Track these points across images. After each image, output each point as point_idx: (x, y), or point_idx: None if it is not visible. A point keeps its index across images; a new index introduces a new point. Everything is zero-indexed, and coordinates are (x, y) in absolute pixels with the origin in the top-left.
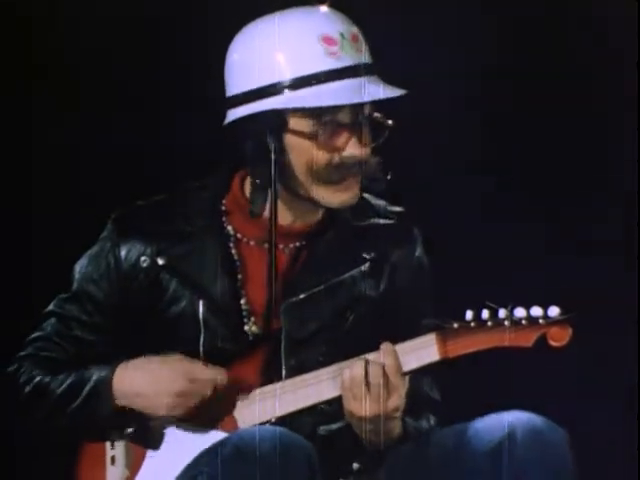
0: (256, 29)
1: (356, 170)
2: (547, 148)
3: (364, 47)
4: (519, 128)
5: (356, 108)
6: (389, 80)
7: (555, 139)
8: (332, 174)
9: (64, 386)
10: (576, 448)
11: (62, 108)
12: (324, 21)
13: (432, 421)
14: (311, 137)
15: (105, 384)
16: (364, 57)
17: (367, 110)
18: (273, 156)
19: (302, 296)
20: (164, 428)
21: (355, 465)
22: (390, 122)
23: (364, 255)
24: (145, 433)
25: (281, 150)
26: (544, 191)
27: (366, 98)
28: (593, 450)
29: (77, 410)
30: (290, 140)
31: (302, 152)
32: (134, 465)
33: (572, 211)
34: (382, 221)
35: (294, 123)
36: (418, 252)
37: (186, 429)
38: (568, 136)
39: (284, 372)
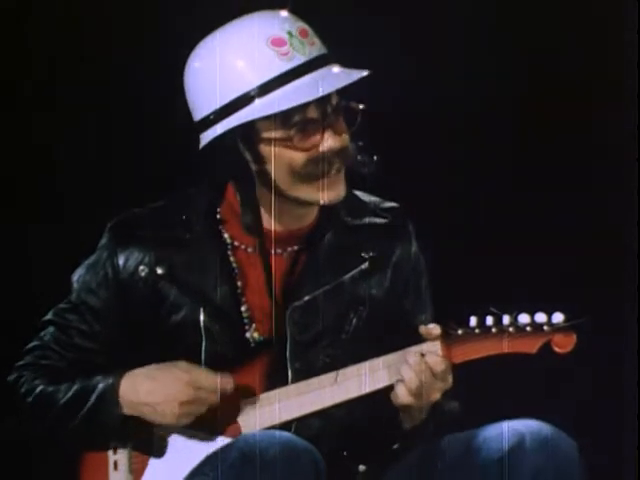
0: (207, 45)
1: (338, 164)
2: (548, 150)
3: (316, 39)
4: (518, 129)
5: (322, 101)
6: (355, 65)
7: (555, 140)
8: (313, 169)
9: (68, 396)
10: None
11: (60, 113)
12: (269, 22)
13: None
14: (285, 141)
15: (111, 393)
16: (317, 49)
17: (334, 100)
18: (254, 167)
19: (306, 299)
20: (168, 436)
21: (361, 467)
22: (361, 106)
23: (363, 255)
24: (149, 441)
25: (259, 160)
26: (543, 190)
27: (324, 90)
28: (592, 450)
29: (82, 420)
30: (266, 149)
31: (280, 158)
32: (137, 470)
33: (572, 211)
34: (377, 220)
35: (265, 132)
36: (414, 248)
37: (190, 436)
38: (568, 137)
39: (290, 375)
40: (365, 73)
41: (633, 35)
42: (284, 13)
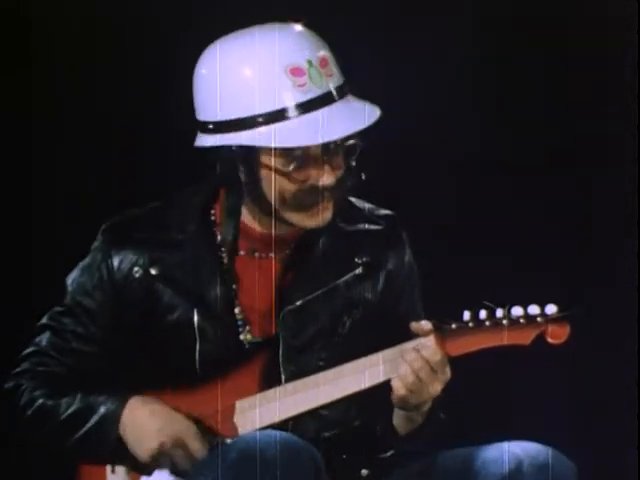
0: (224, 54)
1: (330, 196)
2: (545, 148)
3: (334, 69)
4: (517, 128)
5: None
6: (366, 92)
7: (554, 138)
8: (303, 200)
9: (69, 412)
10: (575, 449)
11: (60, 114)
12: (291, 48)
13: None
14: (283, 173)
15: (112, 418)
16: (334, 81)
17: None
18: (245, 181)
19: (299, 303)
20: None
21: (364, 471)
22: (362, 143)
23: (356, 260)
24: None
25: (252, 178)
26: (542, 189)
27: (333, 136)
28: (593, 451)
29: (80, 438)
30: (261, 172)
31: (273, 183)
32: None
33: (570, 209)
34: (372, 226)
35: (265, 158)
36: (408, 256)
37: None
38: (567, 136)
39: (283, 379)
40: (377, 115)
41: (633, 35)
42: (307, 36)
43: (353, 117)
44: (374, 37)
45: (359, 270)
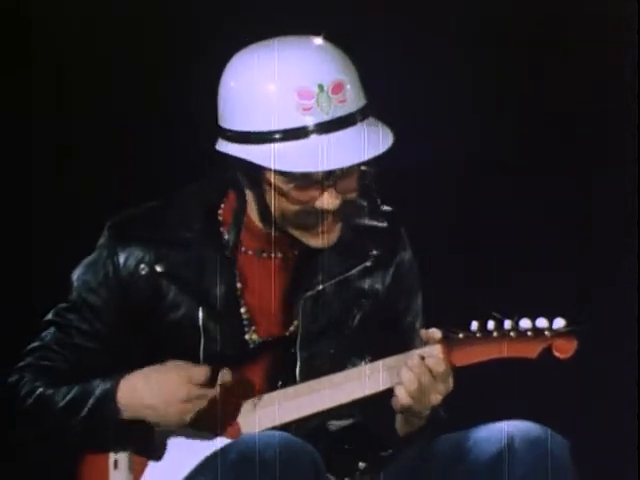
0: (248, 68)
1: (333, 217)
2: (545, 148)
3: (348, 95)
4: (517, 128)
5: None
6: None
7: (554, 138)
8: (305, 220)
9: (67, 399)
10: (575, 449)
11: (61, 113)
12: (304, 70)
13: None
14: (282, 192)
15: (109, 396)
16: (344, 108)
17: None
18: (248, 187)
19: (320, 288)
20: (167, 438)
21: (361, 464)
22: (373, 170)
23: (367, 252)
24: (148, 445)
25: (257, 189)
26: (542, 189)
27: (331, 165)
28: (593, 451)
29: (81, 423)
30: (264, 185)
31: (275, 200)
32: (137, 469)
33: (570, 209)
34: (376, 222)
35: (269, 176)
36: (409, 254)
37: (190, 435)
38: (568, 137)
39: (298, 365)
40: (388, 144)
41: (633, 35)
42: (326, 56)
43: (357, 147)
44: (374, 37)
45: (369, 262)
